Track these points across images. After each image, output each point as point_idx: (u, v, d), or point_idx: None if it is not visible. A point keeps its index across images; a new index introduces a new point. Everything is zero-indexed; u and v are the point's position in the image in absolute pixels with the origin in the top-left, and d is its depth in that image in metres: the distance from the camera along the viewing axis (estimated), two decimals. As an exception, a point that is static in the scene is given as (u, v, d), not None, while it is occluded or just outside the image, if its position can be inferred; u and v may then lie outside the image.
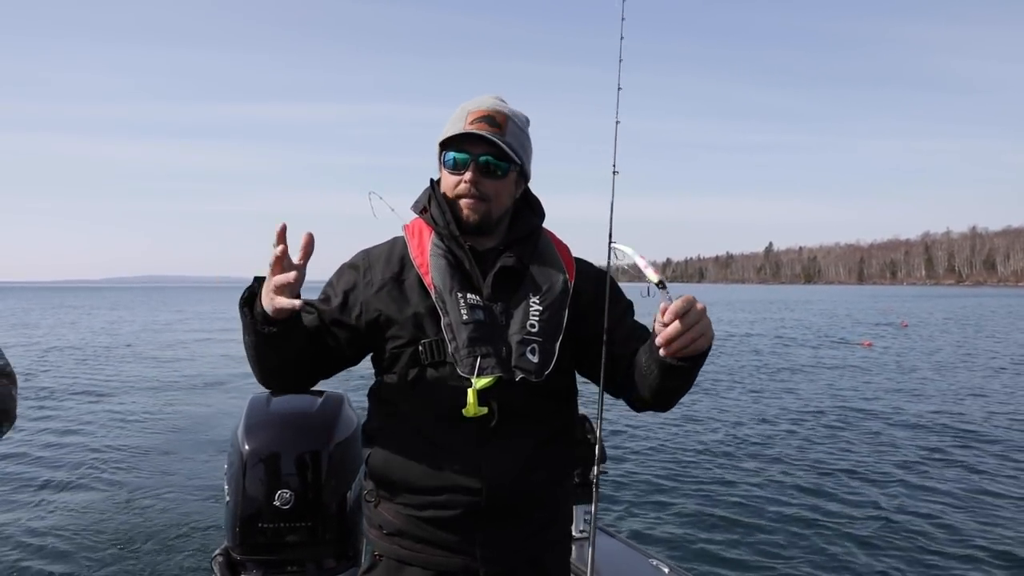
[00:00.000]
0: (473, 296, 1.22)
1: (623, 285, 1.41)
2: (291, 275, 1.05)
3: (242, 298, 1.13)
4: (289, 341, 1.15)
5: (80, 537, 4.14)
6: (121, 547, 3.98)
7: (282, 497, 1.68)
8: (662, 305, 1.01)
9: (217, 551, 1.78)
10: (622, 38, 1.35)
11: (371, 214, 1.46)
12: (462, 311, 1.20)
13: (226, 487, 1.78)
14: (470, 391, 1.15)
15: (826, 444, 6.77)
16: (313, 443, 1.74)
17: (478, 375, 1.16)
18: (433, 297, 1.22)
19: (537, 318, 1.23)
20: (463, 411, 1.15)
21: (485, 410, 1.15)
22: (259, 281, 1.10)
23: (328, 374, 1.30)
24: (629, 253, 1.14)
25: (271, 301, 1.07)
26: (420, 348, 1.20)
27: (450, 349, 1.18)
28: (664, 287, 1.01)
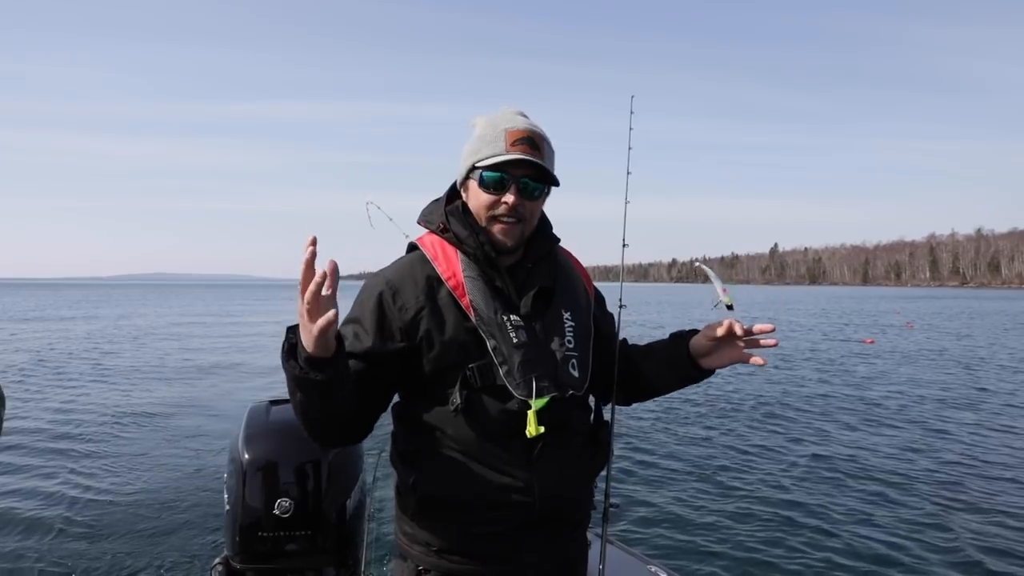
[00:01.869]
0: (516, 318, 1.22)
1: (632, 284, 1.45)
2: (331, 314, 0.96)
3: (283, 352, 1.06)
4: (340, 384, 1.09)
5: (74, 545, 4.08)
6: (117, 556, 3.91)
7: (282, 506, 1.69)
8: (728, 322, 1.22)
9: (216, 560, 1.79)
10: (630, 148, 1.54)
11: (369, 224, 1.47)
12: (511, 335, 1.20)
13: (225, 495, 1.79)
14: (530, 413, 1.16)
15: (830, 444, 6.73)
16: (313, 452, 1.76)
17: (537, 396, 1.17)
18: (474, 320, 1.20)
19: (572, 333, 1.27)
20: (526, 432, 1.16)
21: (543, 429, 1.16)
22: (292, 331, 1.04)
23: (378, 415, 1.26)
24: (711, 275, 1.26)
25: (314, 335, 0.98)
26: (468, 373, 1.19)
27: (502, 372, 1.18)
28: (732, 309, 1.24)
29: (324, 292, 0.97)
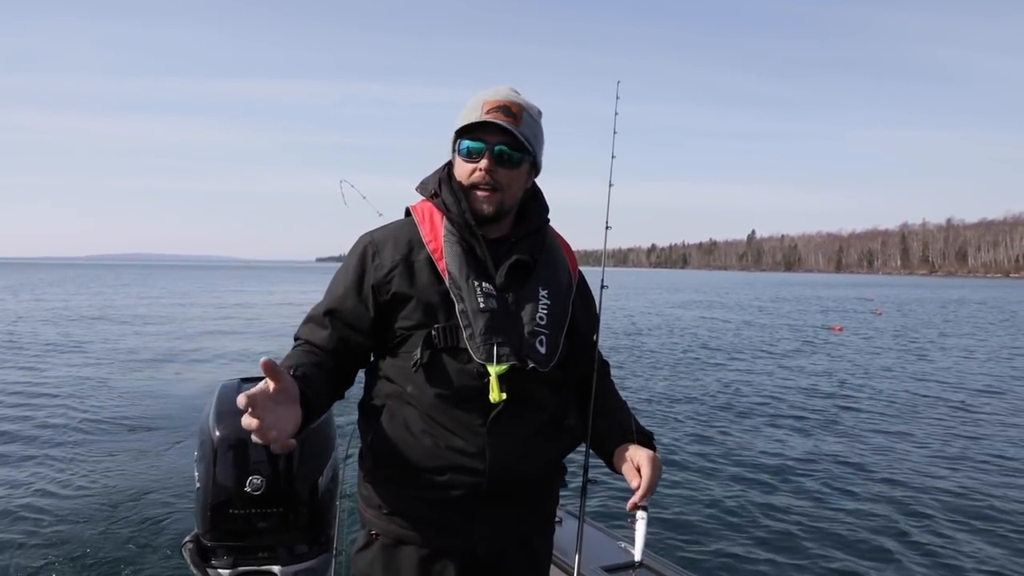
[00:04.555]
0: (487, 285, 1.24)
1: (612, 269, 1.48)
2: (289, 444, 1.04)
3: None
4: (317, 407, 1.17)
5: (41, 525, 4.01)
6: (84, 535, 3.85)
7: (253, 483, 1.67)
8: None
9: (187, 538, 1.77)
10: (615, 132, 1.56)
11: (343, 202, 1.45)
12: (479, 299, 1.21)
13: (196, 473, 1.77)
14: (492, 378, 1.17)
15: (795, 429, 6.91)
16: (285, 430, 1.75)
17: (497, 363, 1.18)
18: (447, 283, 1.22)
19: (546, 311, 1.27)
20: (489, 398, 1.17)
21: (504, 396, 1.17)
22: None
23: (359, 370, 1.33)
24: (640, 532, 1.28)
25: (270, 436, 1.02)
26: (433, 332, 1.21)
27: (465, 335, 1.20)
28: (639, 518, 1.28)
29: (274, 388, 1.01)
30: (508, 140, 1.23)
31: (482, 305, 1.21)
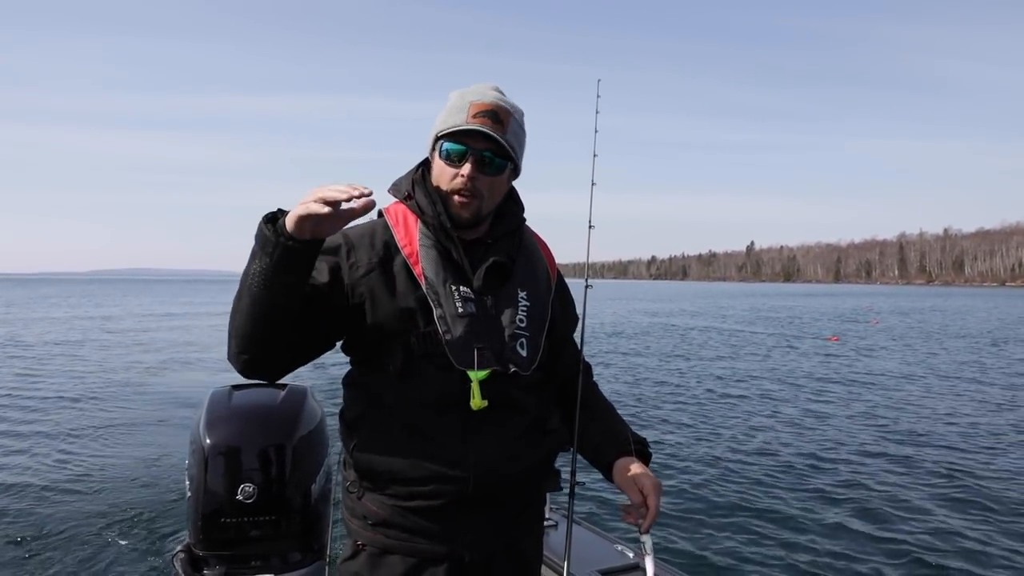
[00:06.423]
0: (465, 289, 1.21)
1: (600, 281, 1.46)
2: (326, 210, 0.96)
3: (263, 218, 1.04)
4: (300, 278, 1.06)
5: (30, 533, 3.98)
6: (75, 545, 3.82)
7: (245, 491, 1.66)
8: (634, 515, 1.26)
9: (178, 548, 1.75)
10: (596, 131, 1.52)
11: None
12: (457, 304, 1.19)
13: (187, 482, 1.76)
14: (474, 384, 1.16)
15: (790, 432, 6.89)
16: (276, 436, 1.73)
17: (478, 368, 1.17)
18: (424, 288, 1.19)
19: (525, 313, 1.25)
20: (470, 404, 1.16)
21: (486, 403, 1.16)
22: (281, 212, 1.04)
23: (308, 357, 1.21)
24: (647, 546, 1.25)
25: (304, 209, 0.97)
26: (412, 339, 1.18)
27: (444, 341, 1.17)
28: (646, 542, 1.25)
29: (346, 205, 0.96)
30: (492, 147, 1.20)
31: (460, 310, 1.18)
